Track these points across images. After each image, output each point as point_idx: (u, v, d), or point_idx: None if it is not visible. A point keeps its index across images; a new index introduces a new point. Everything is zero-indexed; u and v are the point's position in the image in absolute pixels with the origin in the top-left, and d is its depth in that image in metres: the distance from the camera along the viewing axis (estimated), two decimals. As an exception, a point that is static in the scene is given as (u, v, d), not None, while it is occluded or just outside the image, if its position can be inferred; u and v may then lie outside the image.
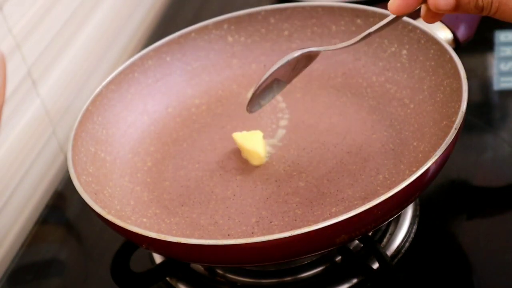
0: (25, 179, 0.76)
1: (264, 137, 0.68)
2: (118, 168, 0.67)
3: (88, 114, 0.67)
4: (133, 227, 0.54)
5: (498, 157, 0.71)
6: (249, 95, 0.63)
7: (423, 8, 0.51)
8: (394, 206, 0.53)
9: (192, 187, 0.66)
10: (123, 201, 0.64)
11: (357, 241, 0.61)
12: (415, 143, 0.64)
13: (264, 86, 0.61)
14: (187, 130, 0.73)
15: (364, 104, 0.71)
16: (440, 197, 0.67)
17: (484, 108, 0.77)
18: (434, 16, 0.51)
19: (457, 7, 0.48)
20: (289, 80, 0.63)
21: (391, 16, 0.53)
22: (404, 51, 0.70)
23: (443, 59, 0.64)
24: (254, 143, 0.67)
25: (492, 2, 0.48)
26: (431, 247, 0.63)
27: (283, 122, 0.70)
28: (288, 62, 0.60)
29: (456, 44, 0.68)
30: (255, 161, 0.66)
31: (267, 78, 0.61)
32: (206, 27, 0.76)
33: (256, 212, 0.62)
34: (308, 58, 0.61)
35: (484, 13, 0.48)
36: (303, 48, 0.60)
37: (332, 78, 0.74)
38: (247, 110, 0.64)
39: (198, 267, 0.64)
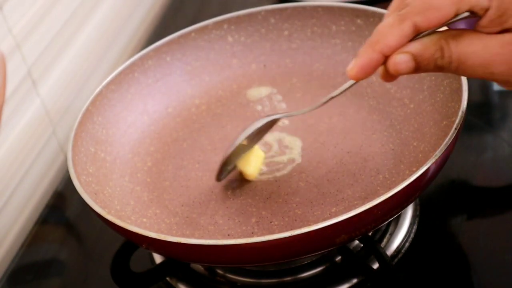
0: (25, 179, 0.76)
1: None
2: (118, 168, 0.67)
3: (88, 114, 0.67)
4: (133, 227, 0.54)
5: (498, 157, 0.71)
6: (218, 166, 0.64)
7: (382, 69, 0.50)
8: (394, 206, 0.53)
9: (192, 187, 0.66)
10: (123, 201, 0.64)
11: (357, 241, 0.61)
12: (415, 143, 0.64)
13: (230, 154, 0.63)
14: (187, 130, 0.73)
15: (364, 104, 0.70)
16: (440, 197, 0.67)
17: (484, 108, 0.77)
18: (393, 76, 0.50)
19: (417, 69, 0.48)
20: (254, 142, 0.64)
21: (351, 81, 0.53)
22: (404, 51, 0.69)
23: (443, 59, 0.64)
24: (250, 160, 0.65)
25: (451, 61, 0.47)
26: (431, 247, 0.62)
27: (283, 122, 0.70)
28: (255, 130, 0.62)
29: (456, 44, 0.68)
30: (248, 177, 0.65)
31: (234, 149, 0.62)
32: (206, 27, 0.76)
33: (256, 212, 0.62)
34: (273, 121, 0.63)
35: (445, 71, 0.48)
36: (268, 116, 0.62)
37: (332, 78, 0.74)
38: (216, 179, 0.64)
39: (198, 267, 0.64)
